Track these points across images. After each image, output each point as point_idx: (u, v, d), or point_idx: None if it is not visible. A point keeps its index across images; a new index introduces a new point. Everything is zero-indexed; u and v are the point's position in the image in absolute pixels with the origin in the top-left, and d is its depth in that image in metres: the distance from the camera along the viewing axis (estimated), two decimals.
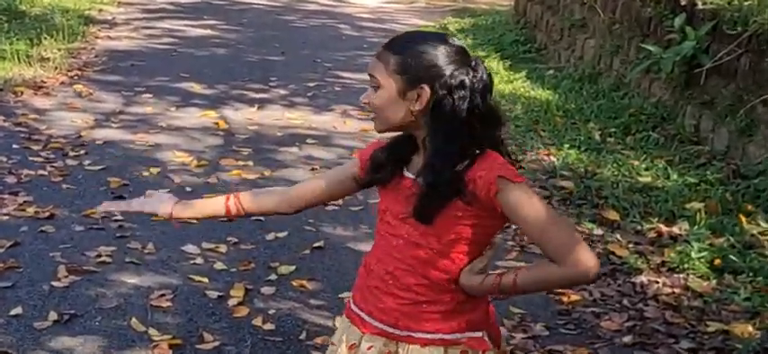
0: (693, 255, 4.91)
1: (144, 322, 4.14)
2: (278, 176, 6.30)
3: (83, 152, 6.65)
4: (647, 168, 6.37)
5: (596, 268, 2.22)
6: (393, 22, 13.93)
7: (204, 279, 4.62)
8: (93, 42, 11.07)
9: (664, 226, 5.35)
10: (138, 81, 9.07)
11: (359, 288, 2.46)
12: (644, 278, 4.79)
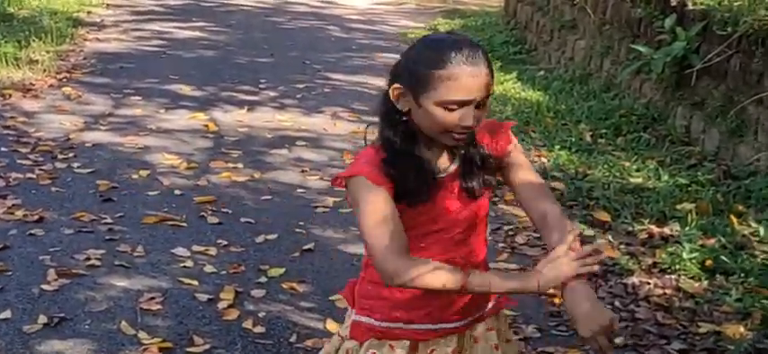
0: (685, 256, 4.91)
1: (134, 325, 4.13)
2: (268, 178, 6.30)
3: (72, 155, 6.63)
4: (638, 169, 6.38)
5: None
6: (382, 23, 13.94)
7: (194, 282, 4.60)
8: (82, 45, 11.04)
9: (655, 227, 5.36)
10: (127, 83, 9.06)
11: (402, 306, 2.42)
12: (635, 279, 4.79)
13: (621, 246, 5.16)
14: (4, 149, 6.66)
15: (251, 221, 5.49)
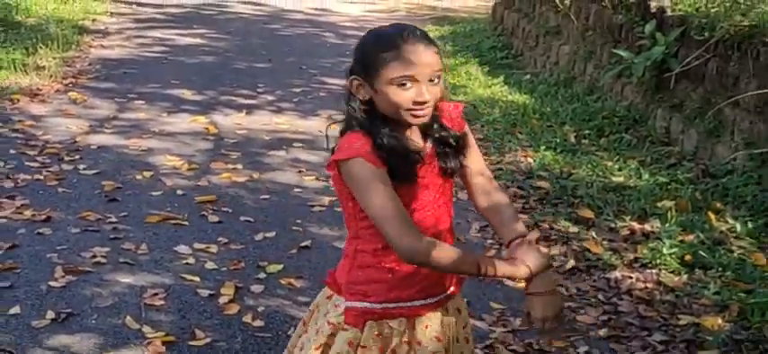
0: (665, 251, 4.92)
1: (138, 319, 4.13)
2: (266, 178, 6.29)
3: (78, 157, 6.62)
4: (620, 168, 6.39)
5: None
6: None
7: (196, 278, 4.60)
8: (87, 51, 11.02)
9: (636, 224, 5.37)
10: (131, 88, 9.04)
11: (400, 285, 2.41)
12: (618, 273, 4.80)
13: (604, 242, 5.17)
14: (12, 152, 6.64)
15: (250, 220, 5.48)
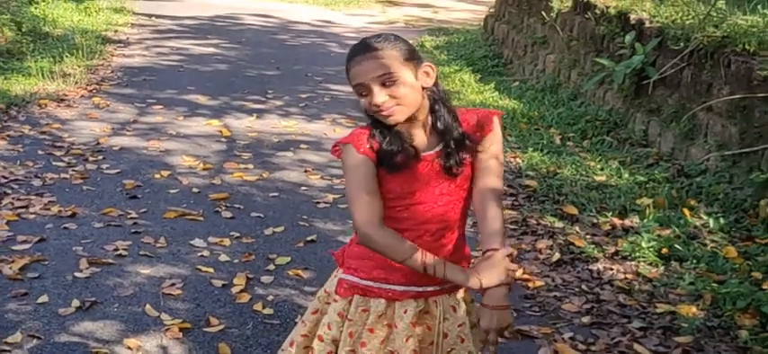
0: (643, 245, 4.93)
1: (157, 308, 4.13)
2: (275, 177, 6.29)
3: (101, 157, 6.62)
4: (601, 168, 6.39)
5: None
6: None
7: (210, 270, 4.60)
8: (110, 60, 11.01)
9: (617, 220, 5.37)
10: (150, 94, 9.04)
11: (384, 267, 2.41)
12: (600, 265, 4.80)
13: (587, 236, 5.18)
14: (40, 152, 6.65)
15: (260, 215, 5.49)
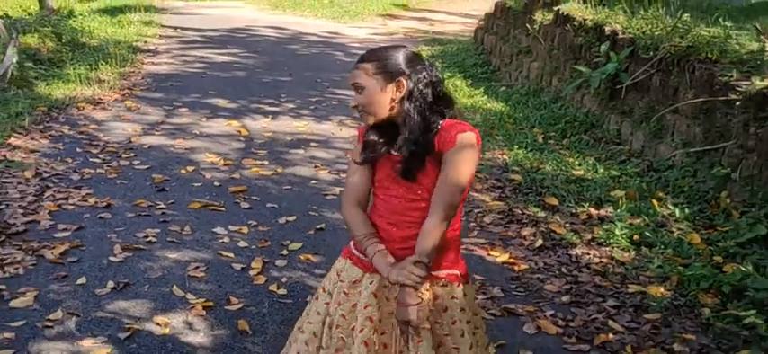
0: (617, 232, 4.93)
1: (183, 288, 4.14)
2: (288, 172, 6.29)
3: (132, 154, 6.62)
4: (579, 164, 6.39)
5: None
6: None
7: (230, 255, 4.61)
8: (140, 67, 11.02)
9: (593, 210, 5.38)
10: (176, 97, 9.04)
11: None
12: (578, 250, 4.81)
13: (567, 225, 5.18)
14: (79, 150, 6.65)
15: (275, 206, 5.49)
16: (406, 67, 2.38)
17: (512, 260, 4.67)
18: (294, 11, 19.63)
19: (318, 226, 5.12)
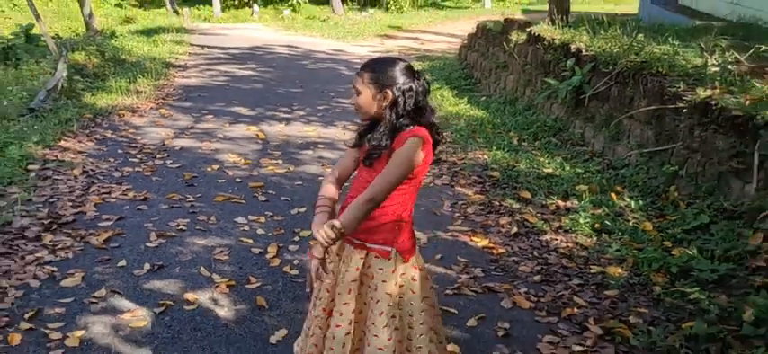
0: (581, 221, 4.93)
1: (209, 269, 4.14)
2: (299, 170, 6.29)
3: (166, 155, 6.62)
4: (549, 162, 6.39)
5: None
6: None
7: (250, 241, 4.61)
8: (172, 80, 11.01)
9: (561, 202, 5.37)
10: (203, 106, 9.03)
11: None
12: (547, 237, 4.80)
13: (538, 214, 5.18)
14: (120, 151, 6.64)
15: (288, 199, 5.48)
16: (396, 80, 2.40)
17: (491, 245, 4.67)
18: (305, 32, 19.64)
19: None
